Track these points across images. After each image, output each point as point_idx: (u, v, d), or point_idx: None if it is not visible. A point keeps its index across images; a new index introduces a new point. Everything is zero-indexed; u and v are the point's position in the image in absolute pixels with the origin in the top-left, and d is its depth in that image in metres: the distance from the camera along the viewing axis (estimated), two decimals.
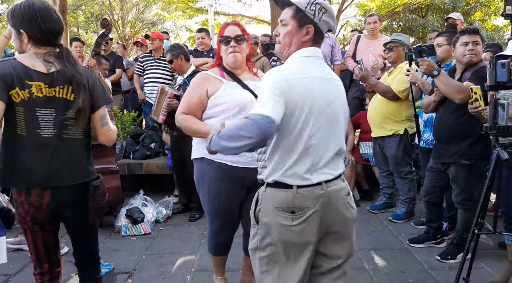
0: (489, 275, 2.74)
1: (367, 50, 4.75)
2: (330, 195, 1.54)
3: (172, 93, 3.53)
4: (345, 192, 1.61)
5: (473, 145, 2.78)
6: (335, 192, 1.56)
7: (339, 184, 1.59)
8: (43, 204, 1.69)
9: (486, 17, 14.15)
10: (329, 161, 1.54)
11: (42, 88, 1.63)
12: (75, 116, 1.70)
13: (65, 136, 1.69)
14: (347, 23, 16.14)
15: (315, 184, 1.51)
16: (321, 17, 1.51)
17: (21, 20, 1.63)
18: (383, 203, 4.13)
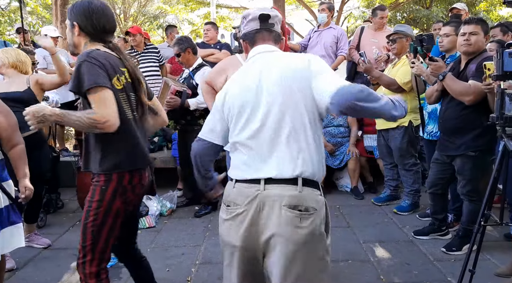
0: (494, 266, 2.72)
1: (371, 42, 4.71)
2: (267, 198, 1.37)
3: (175, 89, 3.49)
4: (291, 202, 1.36)
5: (479, 137, 2.75)
6: (275, 197, 1.36)
7: (286, 190, 1.37)
8: (145, 183, 1.83)
9: (491, 8, 13.98)
10: (277, 156, 1.39)
11: (126, 73, 1.76)
12: (134, 98, 1.80)
13: (137, 117, 1.80)
14: (350, 14, 16.00)
15: (251, 180, 1.41)
16: (244, 28, 1.61)
17: (76, 13, 1.72)
18: (388, 195, 4.12)
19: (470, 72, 2.71)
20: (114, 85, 1.66)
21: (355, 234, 3.36)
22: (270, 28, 1.57)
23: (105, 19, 1.74)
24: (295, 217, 1.36)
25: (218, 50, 5.03)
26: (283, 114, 1.40)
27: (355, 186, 4.41)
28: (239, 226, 1.42)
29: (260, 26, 1.57)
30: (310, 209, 1.38)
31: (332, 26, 4.96)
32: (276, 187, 1.38)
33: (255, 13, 1.57)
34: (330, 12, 4.98)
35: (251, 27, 1.58)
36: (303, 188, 1.38)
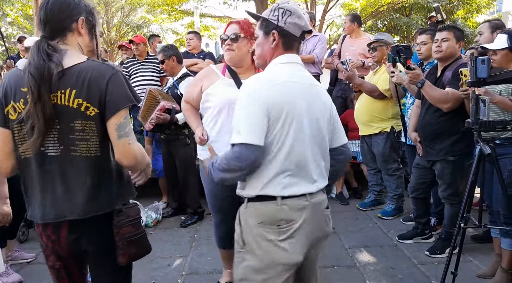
0: (476, 268, 2.78)
1: (349, 49, 4.81)
2: (314, 207, 1.49)
3: (164, 106, 3.48)
4: (325, 205, 1.58)
5: (457, 142, 2.83)
6: (318, 205, 1.51)
7: (321, 196, 1.55)
8: (61, 239, 1.42)
9: (469, 15, 14.38)
10: (312, 172, 1.48)
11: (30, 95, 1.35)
12: (82, 128, 1.34)
13: (73, 153, 1.35)
14: (332, 23, 16.25)
15: (299, 195, 1.44)
16: (286, 20, 1.49)
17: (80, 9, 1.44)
18: (372, 200, 4.17)
19: (446, 79, 2.79)
20: (8, 115, 1.36)
21: (341, 240, 3.39)
22: (303, 39, 1.58)
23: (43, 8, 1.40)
24: (329, 215, 1.60)
25: (202, 60, 5.05)
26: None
27: (340, 191, 4.46)
28: (300, 238, 1.46)
29: (299, 36, 1.53)
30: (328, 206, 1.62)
31: (315, 34, 5.05)
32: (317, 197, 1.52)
33: (306, 25, 1.53)
34: (312, 22, 5.08)
35: (293, 30, 1.50)
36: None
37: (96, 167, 1.38)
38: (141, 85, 4.93)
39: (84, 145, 1.35)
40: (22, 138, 1.37)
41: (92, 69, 1.34)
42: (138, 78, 5.01)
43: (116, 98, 1.34)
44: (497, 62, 2.41)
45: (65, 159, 1.36)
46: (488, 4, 14.30)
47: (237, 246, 1.51)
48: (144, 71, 4.95)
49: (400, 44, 3.24)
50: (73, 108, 1.33)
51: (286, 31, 1.50)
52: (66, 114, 1.33)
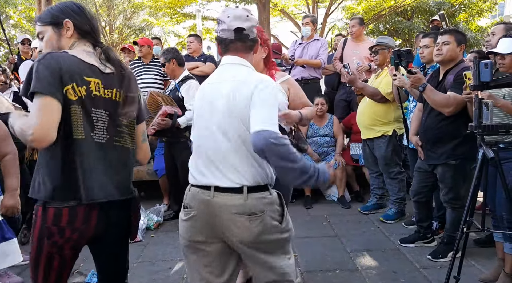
0: (479, 272, 2.77)
1: (353, 53, 4.81)
2: (215, 205, 1.53)
3: (166, 111, 3.48)
4: (239, 210, 1.51)
5: (459, 145, 2.82)
6: (222, 205, 1.52)
7: (234, 200, 1.51)
8: (91, 222, 1.48)
9: (470, 19, 14.37)
10: (222, 169, 1.54)
11: (100, 87, 1.50)
12: (127, 124, 1.59)
13: (116, 143, 1.54)
14: (334, 26, 16.27)
15: (202, 186, 1.57)
16: (218, 29, 1.62)
17: (66, 11, 1.52)
18: (374, 203, 4.16)
19: (448, 82, 2.79)
20: (66, 94, 1.40)
21: (343, 243, 3.38)
22: (244, 39, 1.60)
23: (93, 17, 1.61)
24: (244, 220, 1.53)
25: (203, 63, 5.05)
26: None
27: (342, 195, 4.45)
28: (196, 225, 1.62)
29: (234, 37, 1.59)
30: (257, 213, 1.54)
31: (316, 38, 5.06)
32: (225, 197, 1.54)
33: (230, 25, 1.57)
34: (314, 25, 5.09)
35: (226, 36, 1.60)
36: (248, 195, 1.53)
37: (131, 158, 1.62)
38: (143, 88, 4.93)
39: (128, 138, 1.59)
40: (78, 119, 1.44)
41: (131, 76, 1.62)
42: (141, 81, 5.01)
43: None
44: (506, 67, 2.40)
45: (110, 146, 1.53)
46: (490, 8, 14.30)
47: None
48: (148, 73, 4.95)
49: (401, 48, 3.25)
50: None
51: (221, 38, 1.63)
52: (117, 109, 1.54)
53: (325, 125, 4.58)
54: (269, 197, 1.58)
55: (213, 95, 1.59)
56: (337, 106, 5.08)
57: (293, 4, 15.97)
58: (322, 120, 4.59)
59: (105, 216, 1.52)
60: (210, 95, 1.60)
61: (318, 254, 3.16)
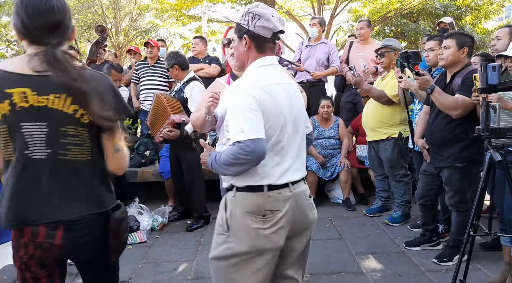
0: (485, 276, 2.75)
1: (359, 55, 4.80)
2: (297, 196, 1.61)
3: (174, 121, 3.49)
4: (308, 194, 1.70)
5: (465, 148, 2.80)
6: (301, 194, 1.64)
7: (303, 186, 1.67)
8: (55, 243, 1.35)
9: (477, 21, 14.32)
10: (294, 162, 1.61)
11: (29, 95, 1.29)
12: (76, 133, 1.36)
13: (62, 157, 1.35)
14: (339, 28, 16.26)
15: (282, 185, 1.57)
16: (255, 24, 1.55)
17: (14, 11, 1.33)
18: (379, 206, 4.14)
19: (456, 85, 2.77)
20: None
21: (347, 246, 3.36)
22: (276, 40, 1.62)
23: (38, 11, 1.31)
24: (312, 202, 1.72)
25: (208, 64, 5.07)
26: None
27: (347, 197, 4.43)
28: (284, 226, 1.58)
29: (271, 37, 1.58)
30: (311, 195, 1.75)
31: (323, 41, 5.05)
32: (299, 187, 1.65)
33: (275, 26, 1.56)
34: (321, 27, 5.07)
35: (263, 33, 1.56)
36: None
37: (88, 170, 1.40)
38: (148, 89, 4.97)
39: (79, 149, 1.37)
40: (5, 140, 1.31)
41: (90, 78, 1.35)
42: (146, 82, 5.05)
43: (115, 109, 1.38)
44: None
45: (54, 161, 1.34)
46: (496, 10, 14.24)
47: (220, 228, 1.62)
48: (152, 75, 4.98)
49: (409, 50, 3.24)
50: (68, 113, 1.33)
51: (257, 34, 1.57)
52: (57, 118, 1.32)
53: (331, 127, 4.58)
54: None
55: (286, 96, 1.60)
56: (342, 108, 5.07)
57: (299, 6, 15.98)
58: (327, 123, 4.59)
59: (72, 235, 1.36)
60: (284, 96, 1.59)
61: (322, 256, 3.15)
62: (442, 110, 2.80)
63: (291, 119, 1.59)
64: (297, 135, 1.63)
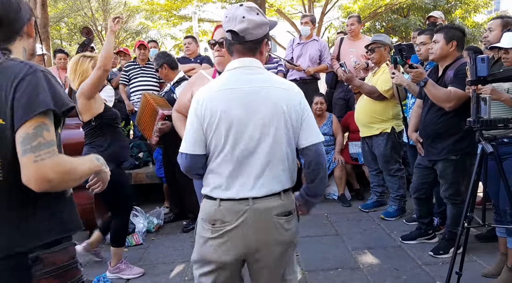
0: (481, 267, 2.76)
1: (350, 51, 4.81)
2: (256, 212, 1.47)
3: (163, 114, 3.45)
4: (278, 212, 1.51)
5: (459, 141, 2.81)
6: (264, 211, 1.48)
7: (272, 203, 1.49)
8: None
9: (466, 15, 14.39)
10: (257, 174, 1.47)
11: None
12: None
13: None
14: (330, 25, 16.28)
15: (239, 199, 1.47)
16: (224, 31, 1.53)
17: None
18: (374, 201, 4.16)
19: (448, 78, 2.79)
20: None
21: (344, 242, 3.37)
22: (241, 41, 1.50)
23: None
24: (284, 222, 1.53)
25: (199, 64, 5.05)
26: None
27: (342, 193, 4.44)
28: (232, 240, 1.49)
29: (232, 39, 1.51)
30: (292, 211, 1.57)
31: (315, 38, 5.10)
32: (264, 202, 1.49)
33: (224, 27, 1.51)
34: (313, 24, 5.13)
35: (226, 36, 1.53)
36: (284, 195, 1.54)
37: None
38: (139, 90, 4.93)
39: None
40: None
41: (4, 70, 1.09)
42: (137, 83, 5.01)
43: (27, 104, 1.04)
44: (511, 61, 2.39)
45: None
46: (485, 3, 14.32)
47: None
48: (144, 76, 4.95)
49: (403, 43, 3.24)
50: None
51: (225, 38, 1.56)
52: None
53: (324, 123, 4.58)
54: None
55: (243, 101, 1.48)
56: (335, 105, 5.07)
57: (289, 4, 15.97)
58: (321, 119, 4.59)
59: None
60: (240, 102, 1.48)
61: (319, 253, 3.15)
62: (435, 103, 2.81)
63: (250, 126, 1.46)
64: (261, 144, 1.47)
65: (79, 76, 2.63)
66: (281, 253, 1.54)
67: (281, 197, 1.51)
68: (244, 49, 1.53)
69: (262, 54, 1.58)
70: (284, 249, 1.55)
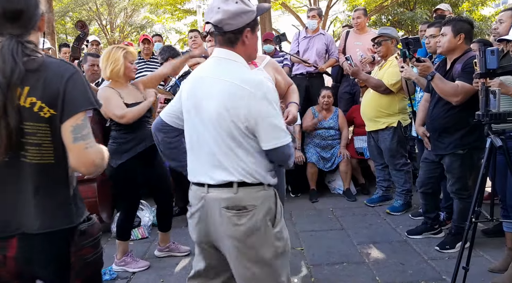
0: (488, 262, 2.74)
1: (356, 45, 4.77)
2: (208, 200, 1.53)
3: (163, 98, 3.47)
4: (228, 204, 1.47)
5: (466, 135, 2.78)
6: (214, 201, 1.50)
7: (223, 194, 1.48)
8: (7, 259, 1.19)
9: (474, 8, 14.22)
10: (214, 164, 1.49)
11: None
12: (35, 131, 1.17)
13: (23, 159, 1.18)
14: (336, 18, 16.17)
15: (198, 183, 1.56)
16: None
17: None
18: (380, 196, 4.14)
19: (456, 72, 2.75)
20: None
21: (349, 236, 3.36)
22: (219, 31, 1.49)
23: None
24: (232, 216, 1.49)
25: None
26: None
27: (348, 188, 4.43)
28: (196, 222, 1.62)
29: (210, 30, 1.57)
30: (248, 207, 1.49)
31: (321, 32, 5.06)
32: (215, 192, 1.52)
33: (206, 18, 1.55)
34: (320, 18, 5.09)
35: (212, 28, 1.54)
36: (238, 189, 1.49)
37: (50, 176, 1.21)
38: None
39: (36, 151, 1.18)
40: None
41: (50, 66, 1.18)
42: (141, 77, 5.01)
43: (75, 99, 1.18)
44: None
45: (14, 165, 1.17)
46: None
47: None
48: (148, 70, 4.94)
49: (410, 37, 3.21)
50: (25, 107, 1.15)
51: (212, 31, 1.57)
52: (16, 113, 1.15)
53: (330, 117, 4.55)
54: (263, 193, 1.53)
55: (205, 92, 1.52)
56: (340, 99, 5.04)
57: None
58: (327, 113, 4.57)
59: (26, 248, 1.20)
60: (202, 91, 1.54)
61: (324, 247, 3.15)
62: (442, 97, 2.78)
63: (202, 116, 1.48)
64: (209, 133, 1.48)
65: (111, 64, 2.77)
66: (236, 248, 1.49)
67: (233, 190, 1.48)
68: (223, 40, 1.52)
69: (244, 44, 1.52)
70: (241, 245, 1.48)
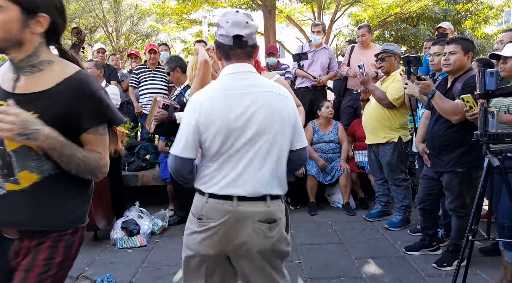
0: (484, 281, 2.75)
1: (360, 60, 4.83)
2: (240, 214, 1.51)
3: (162, 102, 3.50)
4: (262, 217, 1.53)
5: (465, 153, 2.81)
6: (248, 214, 1.52)
7: (257, 208, 1.53)
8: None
9: (476, 26, 14.35)
10: (242, 175, 1.51)
11: None
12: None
13: None
14: (339, 33, 16.31)
15: (225, 196, 1.51)
16: (217, 33, 1.57)
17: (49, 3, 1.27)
18: (379, 211, 4.15)
19: (456, 90, 2.79)
20: None
21: (347, 250, 3.37)
22: (243, 45, 1.54)
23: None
24: (266, 230, 1.54)
25: None
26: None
27: (347, 202, 4.44)
28: (215, 237, 1.55)
29: (233, 43, 1.53)
30: (277, 219, 1.57)
31: (324, 46, 5.22)
32: (248, 205, 1.52)
33: (228, 32, 1.52)
34: (324, 33, 5.22)
35: (223, 41, 1.55)
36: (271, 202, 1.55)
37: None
38: (149, 94, 4.99)
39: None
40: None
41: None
42: (147, 86, 5.07)
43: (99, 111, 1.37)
44: (507, 71, 2.41)
45: None
46: (496, 15, 14.27)
47: None
48: (154, 79, 5.02)
49: (410, 55, 3.26)
50: None
51: (219, 43, 1.58)
52: None
53: (330, 131, 4.59)
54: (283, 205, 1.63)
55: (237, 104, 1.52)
56: (343, 112, 5.09)
57: (299, 11, 16.04)
58: (327, 126, 4.60)
59: None
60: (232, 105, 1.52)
61: (322, 261, 3.15)
62: (442, 115, 2.81)
63: (246, 130, 1.50)
64: (251, 147, 1.51)
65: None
66: (265, 259, 1.57)
67: (266, 203, 1.54)
68: (244, 54, 1.57)
69: (254, 59, 1.65)
70: (269, 256, 1.57)
